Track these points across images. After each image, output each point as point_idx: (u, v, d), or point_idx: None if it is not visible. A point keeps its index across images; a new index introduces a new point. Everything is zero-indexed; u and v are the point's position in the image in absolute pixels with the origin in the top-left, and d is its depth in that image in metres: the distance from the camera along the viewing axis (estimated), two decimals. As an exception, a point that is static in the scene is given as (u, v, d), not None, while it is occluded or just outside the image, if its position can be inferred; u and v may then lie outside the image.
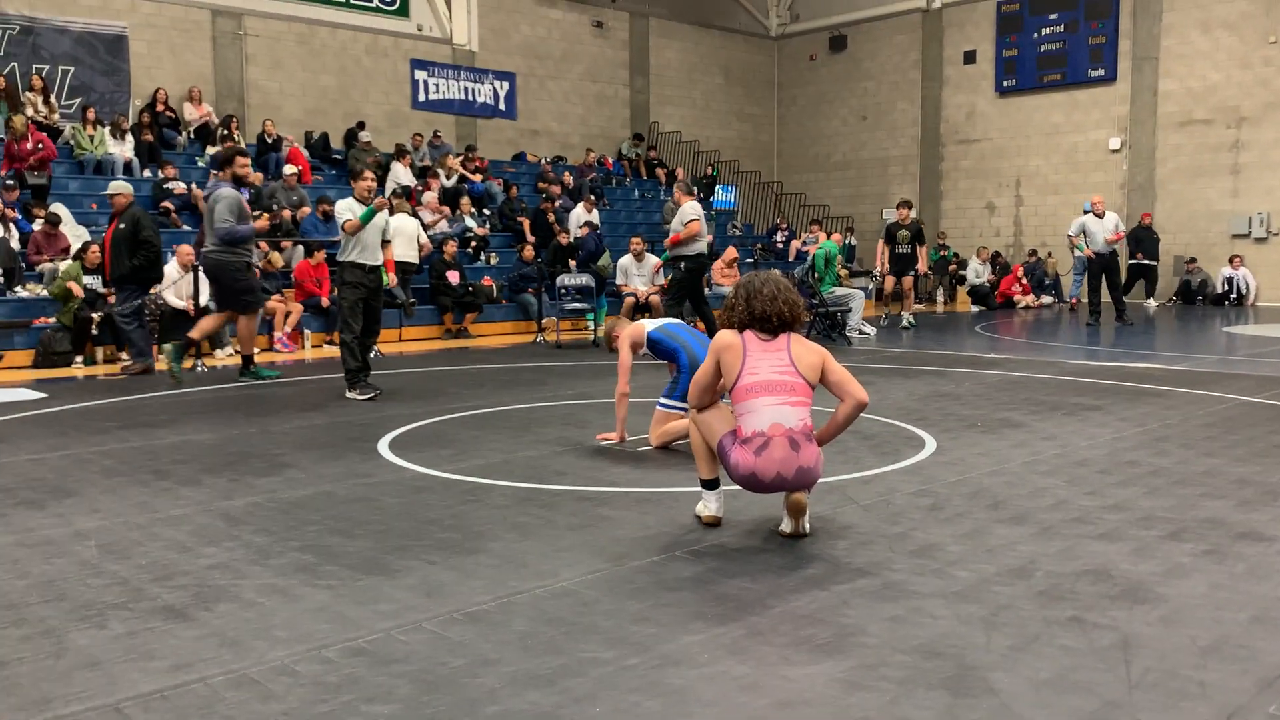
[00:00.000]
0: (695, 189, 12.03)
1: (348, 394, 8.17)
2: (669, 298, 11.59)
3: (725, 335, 4.13)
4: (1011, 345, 12.37)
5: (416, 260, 13.99)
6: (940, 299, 21.10)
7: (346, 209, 8.26)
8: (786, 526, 4.09)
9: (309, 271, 12.88)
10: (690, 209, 11.13)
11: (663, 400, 5.99)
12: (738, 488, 4.18)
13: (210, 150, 16.12)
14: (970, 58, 22.92)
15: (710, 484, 4.27)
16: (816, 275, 13.30)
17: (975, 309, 19.52)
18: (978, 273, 20.25)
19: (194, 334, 9.48)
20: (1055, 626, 3.08)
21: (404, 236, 12.91)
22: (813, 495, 4.75)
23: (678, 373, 5.90)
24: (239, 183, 9.67)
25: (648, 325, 6.13)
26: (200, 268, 11.16)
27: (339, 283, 8.48)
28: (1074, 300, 18.45)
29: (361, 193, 8.36)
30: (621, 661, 2.85)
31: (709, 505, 4.27)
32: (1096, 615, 3.17)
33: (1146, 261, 18.93)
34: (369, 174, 8.50)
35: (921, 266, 15.51)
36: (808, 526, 4.10)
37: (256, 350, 9.73)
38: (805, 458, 3.92)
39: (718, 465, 4.22)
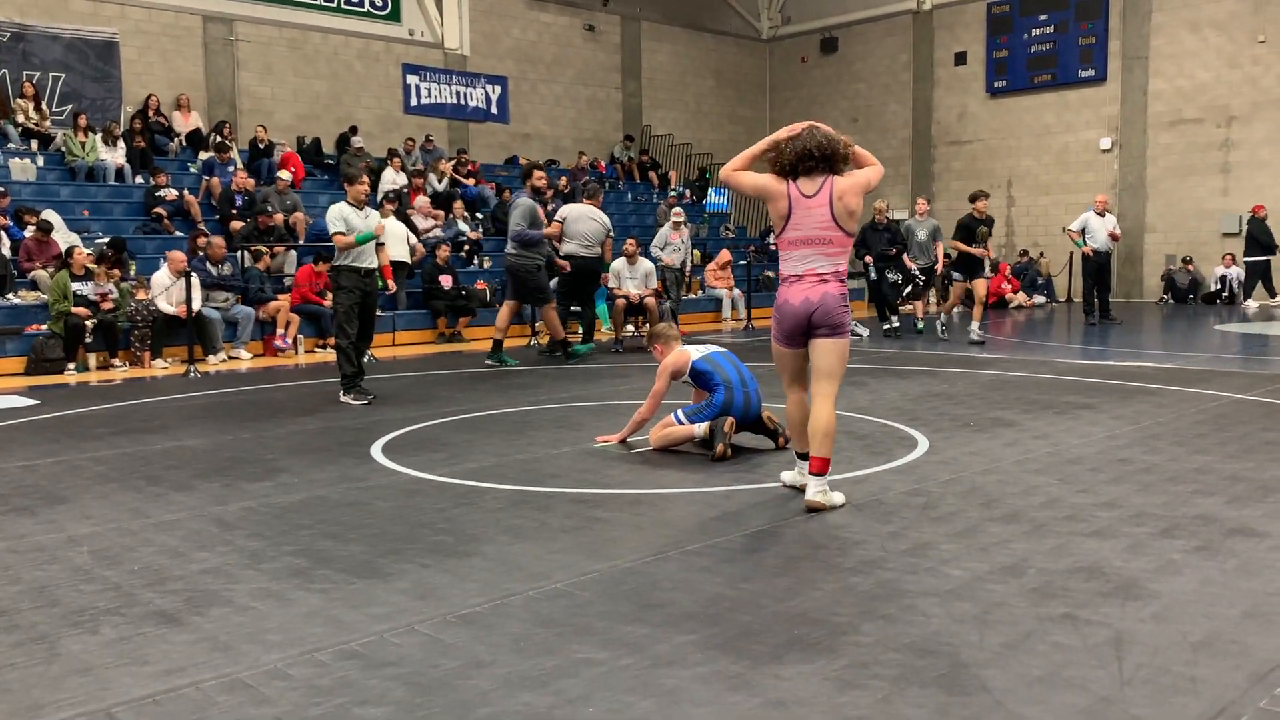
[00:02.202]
0: (598, 192, 12.16)
1: (342, 398, 8.17)
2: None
3: (772, 180, 4.55)
4: (1004, 345, 12.39)
5: (408, 259, 14.02)
6: (933, 299, 21.11)
7: (338, 216, 8.20)
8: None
9: (309, 277, 12.87)
10: (564, 210, 11.90)
11: (680, 413, 5.91)
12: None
13: (202, 155, 16.11)
14: (961, 59, 22.97)
15: (801, 456, 4.76)
16: None
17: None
18: None
19: (497, 332, 10.75)
20: (1048, 624, 3.09)
21: (393, 237, 12.93)
22: (806, 493, 4.76)
23: (708, 404, 5.81)
24: (536, 193, 10.76)
25: (694, 353, 5.98)
26: (192, 273, 11.17)
27: (334, 287, 8.46)
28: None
29: (356, 197, 8.33)
30: (615, 662, 2.85)
31: (803, 473, 4.70)
32: (1089, 612, 3.18)
33: (1262, 258, 17.67)
34: (364, 179, 8.49)
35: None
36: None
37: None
38: (823, 292, 4.47)
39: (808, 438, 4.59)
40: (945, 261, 13.62)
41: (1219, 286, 19.15)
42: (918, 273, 13.64)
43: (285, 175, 14.94)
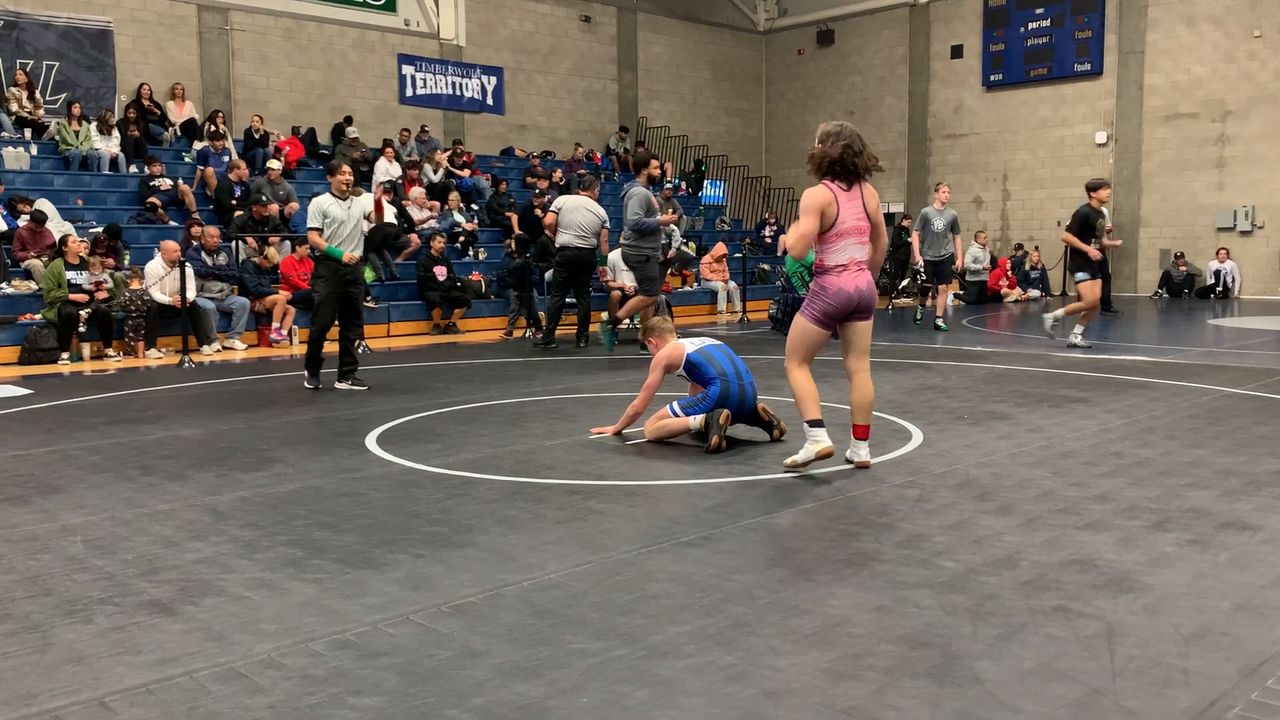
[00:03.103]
0: (594, 183, 12.18)
1: (305, 383, 8.48)
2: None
3: (820, 193, 5.01)
4: (998, 338, 12.40)
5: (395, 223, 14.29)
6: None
7: (316, 211, 8.25)
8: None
9: (295, 266, 12.84)
10: (559, 201, 11.93)
11: (676, 405, 5.91)
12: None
13: (197, 145, 16.06)
14: (957, 52, 22.96)
15: (817, 423, 5.01)
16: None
17: (962, 302, 19.57)
18: (977, 259, 20.23)
19: (621, 314, 10.96)
20: (1040, 616, 3.10)
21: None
22: (799, 488, 4.77)
23: (704, 398, 5.79)
24: (651, 182, 10.81)
25: (688, 346, 5.97)
26: (186, 263, 11.15)
27: (314, 275, 8.54)
28: None
29: (339, 187, 8.36)
30: (609, 653, 2.85)
31: (821, 440, 4.98)
32: (1081, 604, 3.19)
33: None
34: (346, 168, 8.49)
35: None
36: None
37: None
38: (868, 276, 5.09)
39: (820, 408, 5.07)
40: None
41: (1213, 281, 19.19)
42: (921, 267, 13.23)
43: (275, 164, 14.90)
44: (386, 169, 16.73)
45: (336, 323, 8.43)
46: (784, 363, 5.21)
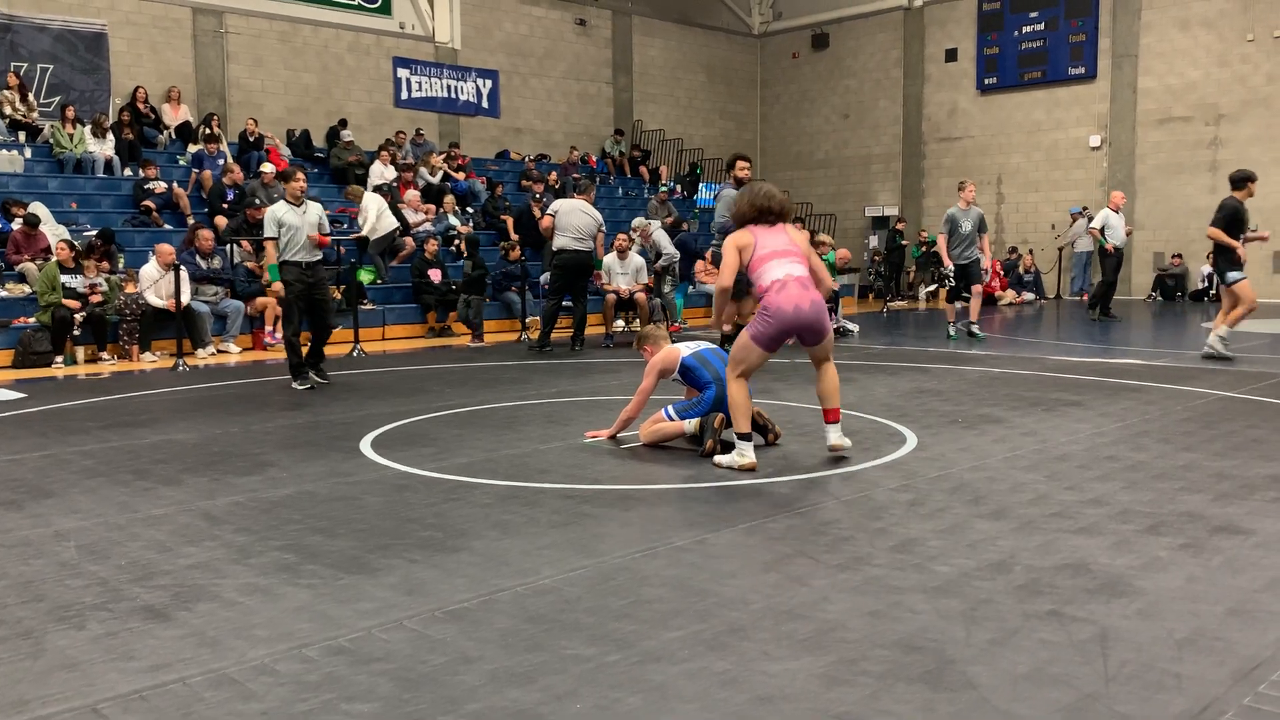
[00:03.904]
0: (589, 187, 12.15)
1: (292, 385, 8.63)
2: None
3: (739, 234, 5.35)
4: (993, 341, 12.42)
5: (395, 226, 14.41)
6: (923, 295, 21.19)
7: (272, 220, 8.57)
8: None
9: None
10: (556, 204, 11.88)
11: (670, 410, 5.92)
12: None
13: (192, 148, 16.04)
14: (952, 56, 23.00)
15: (746, 436, 5.21)
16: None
17: (958, 305, 19.57)
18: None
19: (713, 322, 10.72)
20: (1034, 620, 3.10)
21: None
22: (794, 493, 4.77)
23: (698, 402, 5.80)
24: (739, 185, 10.46)
25: (683, 350, 5.97)
26: (181, 266, 11.14)
27: (284, 282, 8.75)
28: (1084, 294, 18.93)
29: (293, 193, 8.65)
30: (602, 658, 2.85)
31: (747, 454, 5.17)
32: (1075, 609, 3.19)
33: None
34: (300, 175, 8.83)
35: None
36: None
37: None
38: (814, 295, 5.19)
39: (750, 423, 5.27)
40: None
41: (1206, 284, 19.23)
42: (950, 270, 12.38)
43: (269, 168, 14.89)
44: (381, 172, 16.72)
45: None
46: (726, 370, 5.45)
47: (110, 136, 15.27)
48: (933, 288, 13.30)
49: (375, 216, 14.56)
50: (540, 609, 3.25)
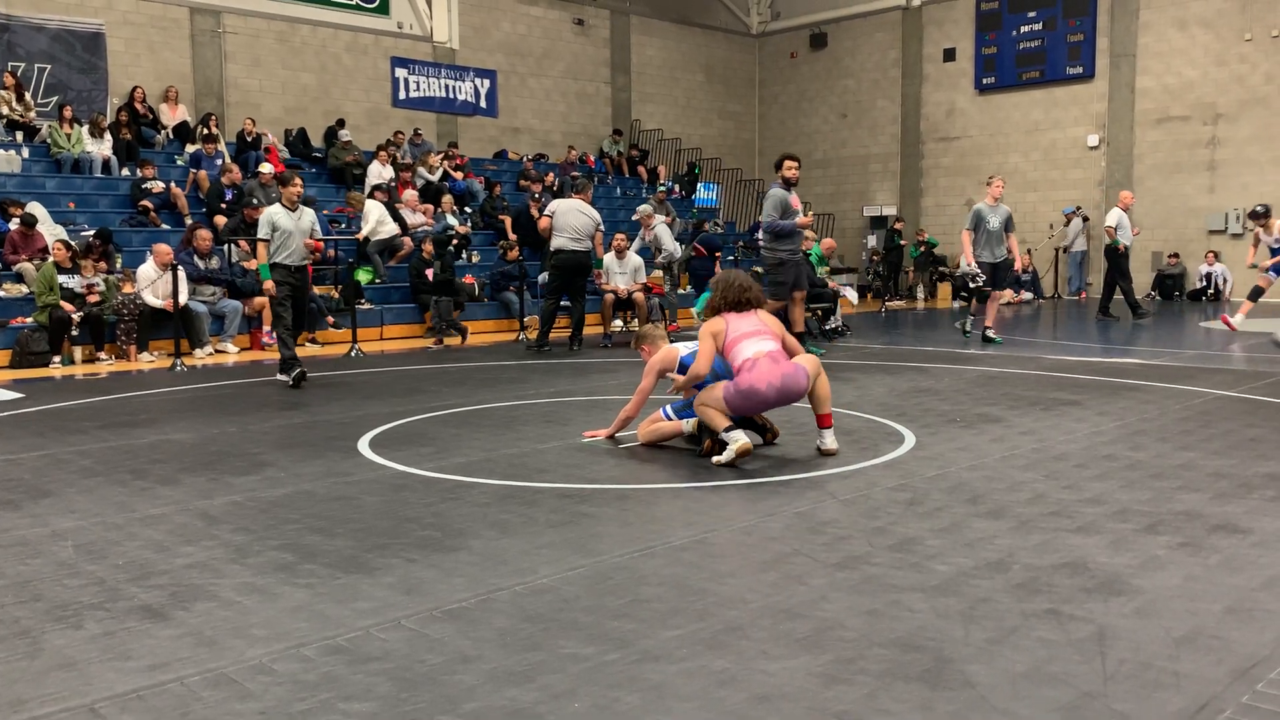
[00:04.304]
0: (587, 186, 12.10)
1: (278, 376, 9.01)
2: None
3: (712, 321, 5.63)
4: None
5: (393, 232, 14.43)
6: (921, 294, 21.21)
7: (266, 222, 8.85)
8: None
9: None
10: (553, 204, 11.89)
11: (669, 409, 5.92)
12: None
13: (189, 148, 16.03)
14: (950, 55, 23.01)
15: (730, 428, 5.35)
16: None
17: (956, 304, 19.61)
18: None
19: (797, 327, 10.41)
20: (1032, 619, 3.10)
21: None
22: (792, 492, 4.77)
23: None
24: (787, 184, 10.37)
25: (681, 350, 5.98)
26: (179, 266, 11.13)
27: (275, 281, 9.02)
28: (1083, 294, 19.25)
29: (289, 198, 8.92)
30: (600, 657, 2.85)
31: (738, 438, 5.29)
32: (1073, 608, 3.19)
33: None
34: (298, 180, 9.11)
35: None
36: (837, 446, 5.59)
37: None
38: (786, 367, 5.41)
39: (728, 417, 5.41)
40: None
41: (1204, 284, 19.25)
42: (977, 270, 11.56)
43: (267, 168, 14.88)
44: (379, 171, 16.71)
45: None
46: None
47: (108, 136, 15.26)
48: (957, 298, 12.03)
49: (375, 222, 14.60)
50: (538, 608, 3.25)
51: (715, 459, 5.36)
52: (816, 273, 13.54)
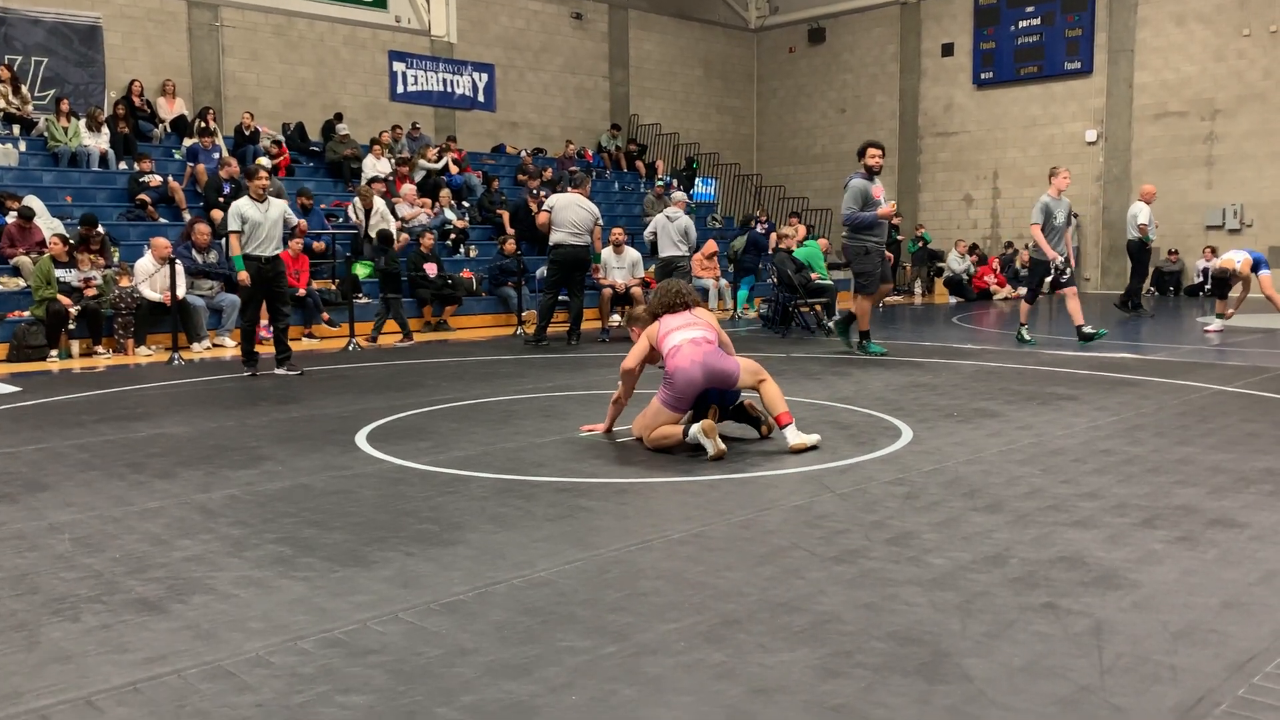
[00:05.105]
0: (585, 180, 12.04)
1: (276, 370, 9.22)
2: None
3: (650, 326, 5.84)
4: (987, 336, 12.43)
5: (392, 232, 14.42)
6: (918, 290, 21.22)
7: (234, 214, 8.94)
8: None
9: (288, 263, 12.78)
10: (552, 199, 11.84)
11: (663, 405, 5.86)
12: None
13: (187, 142, 16.00)
14: (948, 50, 23.00)
15: (688, 427, 5.48)
16: (814, 272, 13.35)
17: (953, 300, 19.62)
18: (957, 263, 20.35)
19: (861, 324, 10.28)
20: (1029, 613, 3.10)
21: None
22: (789, 486, 4.77)
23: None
24: (870, 173, 10.11)
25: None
26: (176, 260, 11.11)
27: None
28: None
29: (256, 191, 9.01)
30: (598, 650, 2.85)
31: (695, 430, 5.37)
32: (1070, 601, 3.19)
33: None
34: (263, 173, 9.22)
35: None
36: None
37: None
38: (708, 348, 5.57)
39: (678, 421, 5.58)
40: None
41: (1201, 279, 19.26)
42: (1061, 261, 10.83)
43: (265, 162, 14.86)
44: (374, 164, 16.67)
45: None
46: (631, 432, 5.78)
47: (105, 130, 15.23)
48: (1033, 296, 11.08)
49: (379, 219, 14.66)
50: (536, 601, 3.25)
51: (709, 457, 5.34)
52: (824, 273, 13.58)
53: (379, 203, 14.88)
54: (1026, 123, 21.93)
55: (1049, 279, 10.98)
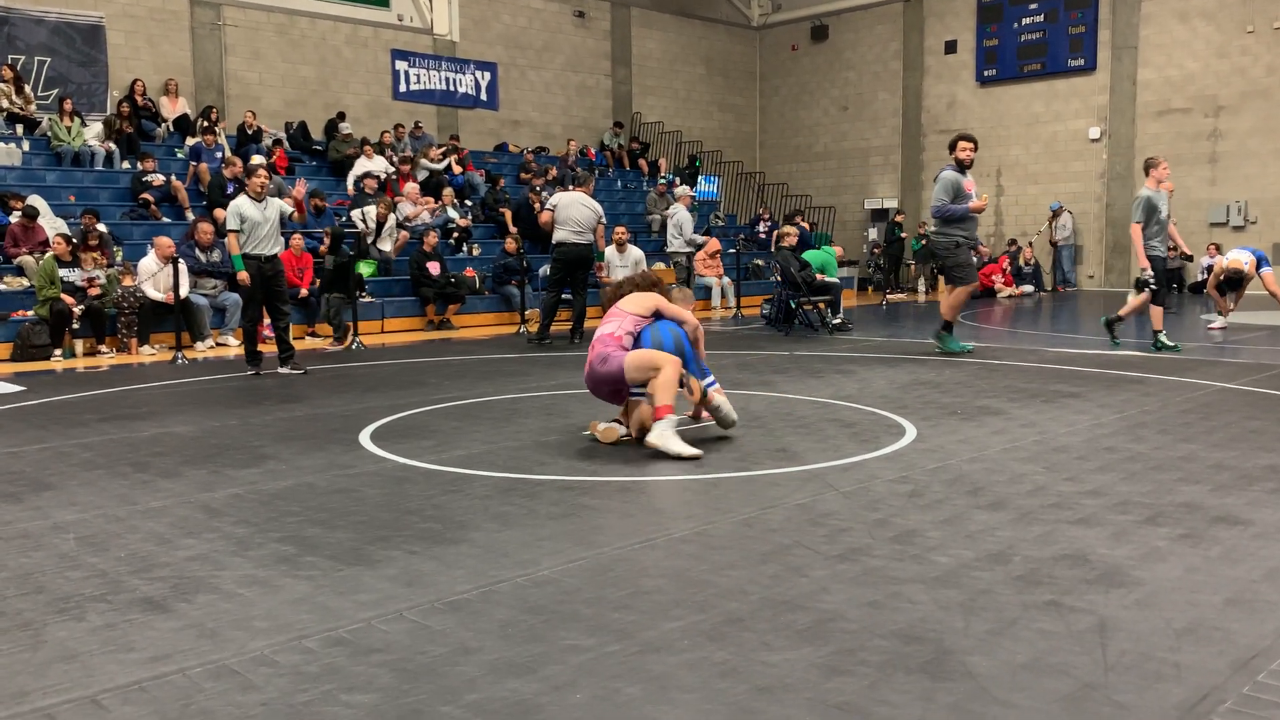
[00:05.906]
0: (589, 178, 12.02)
1: (279, 369, 9.26)
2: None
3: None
4: (990, 333, 12.42)
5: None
6: (922, 288, 21.20)
7: (234, 213, 8.93)
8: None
9: (290, 261, 12.80)
10: (555, 198, 11.85)
11: (634, 391, 5.90)
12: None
13: (190, 141, 16.01)
14: (951, 47, 22.97)
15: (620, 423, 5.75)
16: (819, 273, 13.33)
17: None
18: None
19: (948, 314, 10.17)
20: (1033, 610, 3.10)
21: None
22: (793, 484, 4.77)
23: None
24: (960, 166, 10.00)
25: (660, 330, 5.98)
26: (179, 260, 11.12)
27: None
28: (1059, 287, 19.66)
29: (254, 189, 8.98)
30: (602, 649, 2.85)
31: (683, 448, 5.36)
32: (1074, 599, 3.19)
33: None
34: (262, 171, 9.20)
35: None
36: (615, 436, 5.68)
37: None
38: (595, 355, 5.70)
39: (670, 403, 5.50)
40: None
41: (1206, 276, 19.21)
42: (1151, 275, 10.04)
43: (260, 160, 14.86)
44: (365, 164, 16.59)
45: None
46: None
47: (101, 126, 15.23)
48: (1137, 298, 10.18)
49: (387, 227, 14.69)
50: (539, 600, 3.25)
51: (664, 444, 5.41)
52: (835, 275, 13.58)
53: (394, 217, 14.90)
54: (1030, 120, 21.90)
55: (1147, 279, 10.07)
